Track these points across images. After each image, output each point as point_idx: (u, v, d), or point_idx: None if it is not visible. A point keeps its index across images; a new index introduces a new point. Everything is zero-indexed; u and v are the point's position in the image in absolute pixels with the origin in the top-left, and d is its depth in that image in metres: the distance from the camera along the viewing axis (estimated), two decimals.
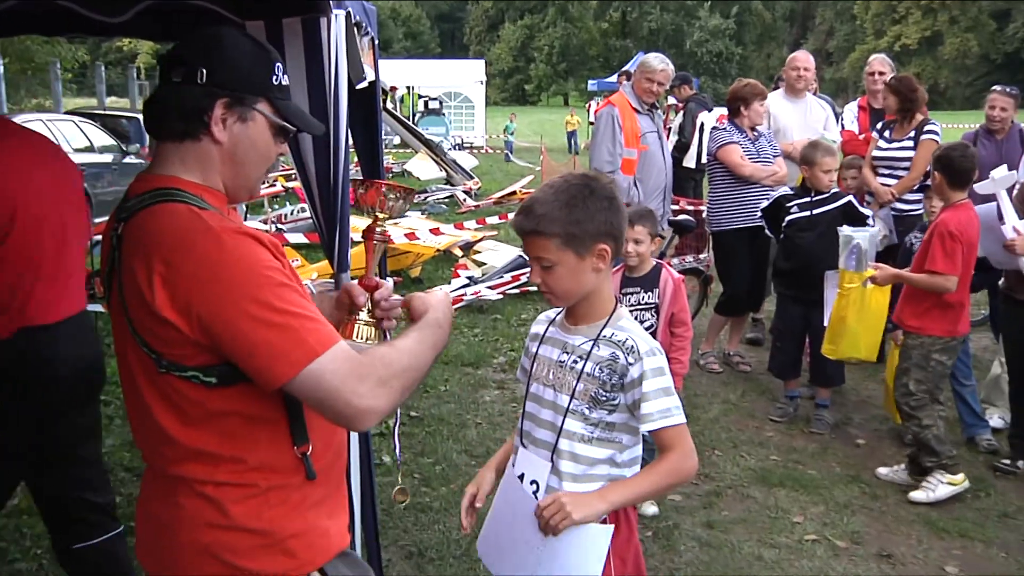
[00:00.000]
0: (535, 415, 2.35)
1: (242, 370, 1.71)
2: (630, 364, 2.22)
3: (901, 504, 4.87)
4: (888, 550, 4.38)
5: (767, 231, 6.25)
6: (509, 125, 29.19)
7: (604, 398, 2.24)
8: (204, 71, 1.79)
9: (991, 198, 5.04)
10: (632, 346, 2.23)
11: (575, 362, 2.28)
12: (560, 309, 2.42)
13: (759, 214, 6.29)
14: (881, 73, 7.28)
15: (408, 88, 29.08)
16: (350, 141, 3.36)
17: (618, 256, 2.32)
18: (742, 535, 4.47)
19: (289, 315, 1.69)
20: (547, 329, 2.44)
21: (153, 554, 1.89)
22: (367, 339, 2.03)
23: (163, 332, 1.70)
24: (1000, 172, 5.04)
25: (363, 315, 2.06)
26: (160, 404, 1.77)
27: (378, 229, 2.15)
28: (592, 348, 2.26)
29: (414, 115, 28.42)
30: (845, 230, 5.27)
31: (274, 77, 1.87)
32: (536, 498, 2.26)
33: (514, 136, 29.11)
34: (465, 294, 8.73)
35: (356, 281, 2.13)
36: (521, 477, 2.35)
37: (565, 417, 2.26)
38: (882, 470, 5.18)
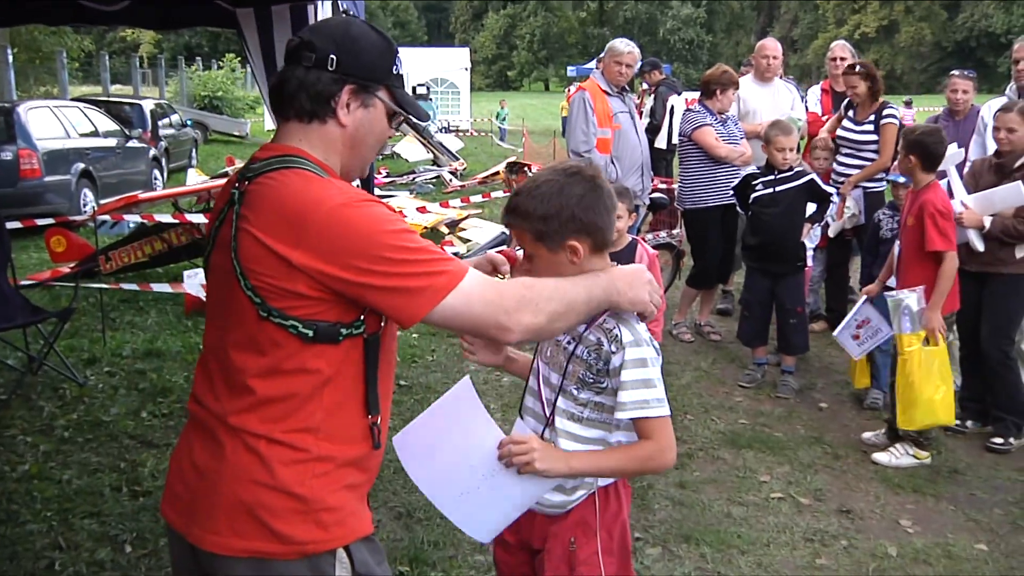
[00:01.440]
0: (534, 389, 2.29)
1: (381, 310, 1.76)
2: (612, 352, 2.12)
3: (861, 463, 4.88)
4: (848, 506, 4.39)
5: (738, 207, 6.23)
6: (500, 111, 28.77)
7: (591, 380, 2.16)
8: (335, 58, 1.81)
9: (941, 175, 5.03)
10: (617, 335, 2.12)
11: (569, 343, 2.21)
12: None
13: (730, 192, 6.27)
14: (843, 59, 7.27)
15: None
16: None
17: (605, 248, 2.18)
18: (712, 494, 4.47)
19: (421, 252, 1.73)
20: None
21: (184, 506, 1.84)
22: None
23: (280, 281, 1.70)
24: (950, 150, 5.04)
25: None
26: (248, 350, 1.76)
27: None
28: (584, 332, 2.17)
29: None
30: (893, 295, 4.77)
31: (395, 67, 1.90)
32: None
33: (506, 122, 28.77)
34: None
35: (497, 251, 2.22)
36: None
37: (558, 395, 2.20)
38: (867, 435, 5.14)
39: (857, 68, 6.61)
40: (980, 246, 4.96)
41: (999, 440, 5.08)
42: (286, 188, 1.73)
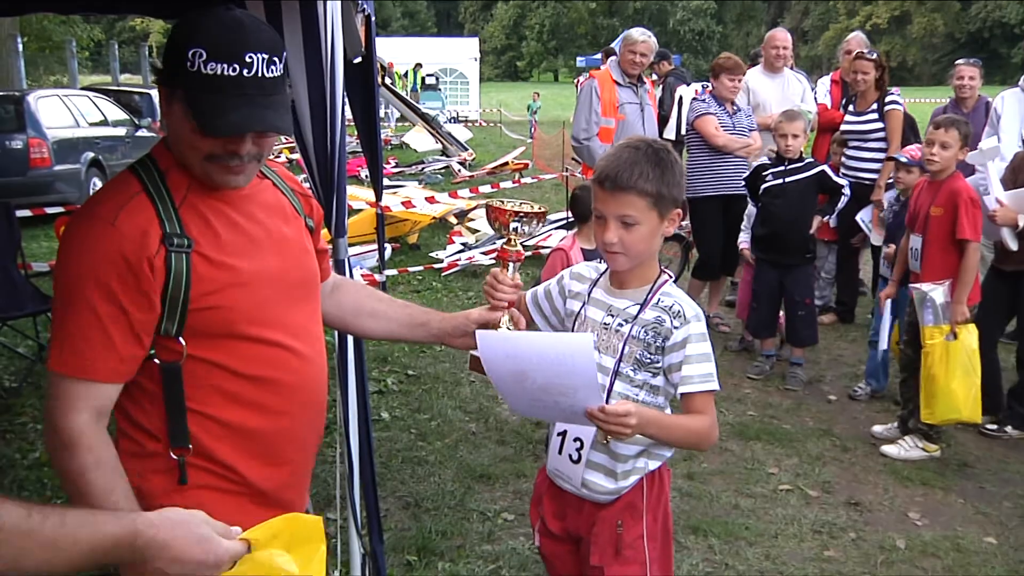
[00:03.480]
0: None
1: None
2: (675, 328, 2.15)
3: (869, 456, 4.87)
4: (856, 498, 4.38)
5: (749, 200, 6.20)
6: (532, 104, 27.06)
7: (648, 360, 2.17)
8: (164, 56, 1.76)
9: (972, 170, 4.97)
10: (679, 311, 2.16)
11: (620, 325, 2.20)
12: (602, 271, 2.32)
13: (733, 183, 6.26)
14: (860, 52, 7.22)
15: (417, 64, 28.64)
16: (348, 114, 3.30)
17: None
18: (720, 485, 4.47)
19: (69, 321, 1.69)
20: (591, 291, 2.31)
21: None
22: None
23: None
24: (988, 143, 4.96)
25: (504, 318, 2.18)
26: None
27: (511, 249, 2.15)
28: (639, 312, 2.18)
29: (415, 88, 28.04)
30: (918, 287, 4.64)
31: (188, 63, 1.65)
32: (582, 448, 2.23)
33: (537, 116, 26.48)
34: (460, 259, 8.71)
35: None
36: (563, 435, 2.27)
37: (614, 379, 2.19)
38: (877, 428, 5.10)
39: (869, 53, 6.58)
40: (1013, 245, 4.88)
41: (994, 427, 5.08)
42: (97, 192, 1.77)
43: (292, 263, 1.91)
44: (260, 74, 1.68)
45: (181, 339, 1.73)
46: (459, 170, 15.86)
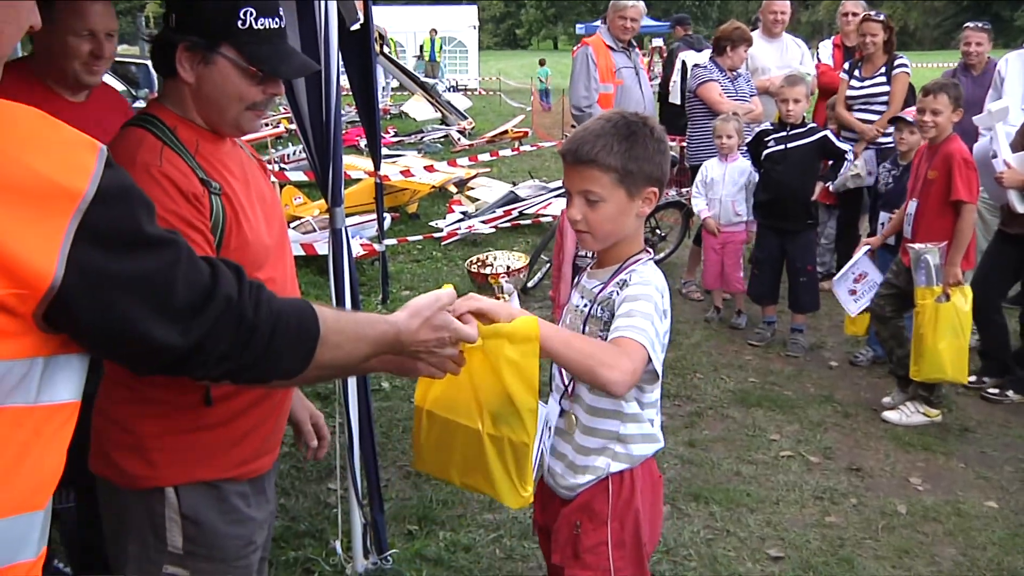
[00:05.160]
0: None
1: None
2: (617, 296, 2.03)
3: (871, 421, 4.86)
4: (858, 464, 4.38)
5: (751, 166, 6.15)
6: (541, 70, 25.78)
7: (605, 338, 2.00)
8: (174, 15, 1.86)
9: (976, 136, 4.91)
10: (626, 280, 2.04)
11: (585, 306, 2.12)
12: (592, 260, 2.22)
13: (744, 149, 6.20)
14: (855, 14, 7.15)
15: (432, 31, 28.02)
16: (344, 82, 3.26)
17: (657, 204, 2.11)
18: (722, 452, 4.47)
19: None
20: (580, 278, 2.25)
21: None
22: None
23: None
24: (997, 105, 4.91)
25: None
26: None
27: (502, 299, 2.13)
28: (600, 291, 2.08)
29: (434, 58, 27.45)
30: (915, 246, 4.63)
31: (239, 22, 1.84)
32: (545, 438, 2.18)
33: (547, 82, 25.55)
34: (459, 228, 8.66)
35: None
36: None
37: None
38: (886, 399, 5.05)
39: (876, 15, 6.50)
40: (1021, 207, 4.84)
41: (995, 391, 5.08)
42: (115, 147, 1.71)
43: (275, 215, 2.07)
44: (283, 26, 1.94)
45: None
46: (458, 139, 15.75)
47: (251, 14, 1.85)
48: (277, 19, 1.91)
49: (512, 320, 1.79)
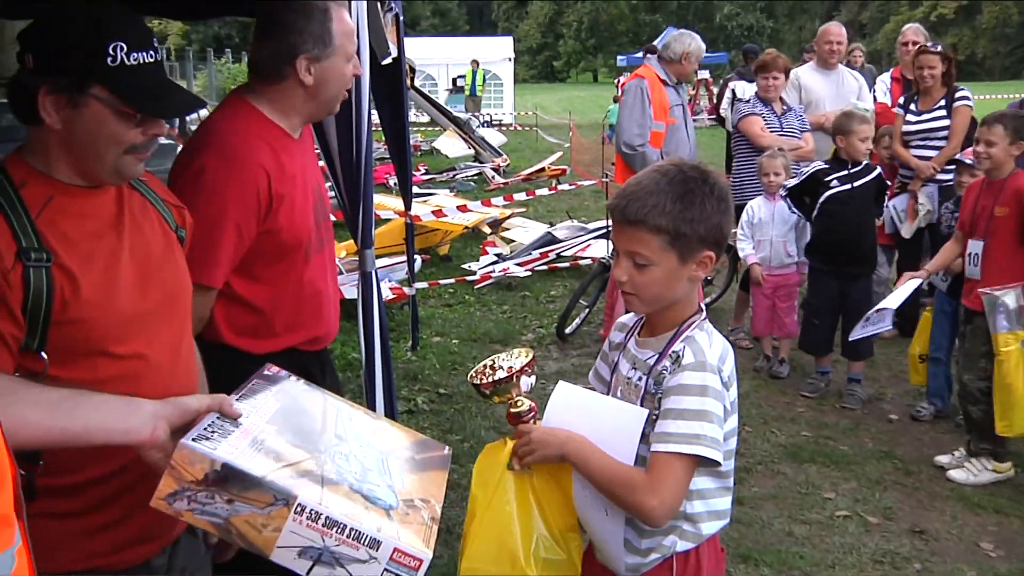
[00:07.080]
0: None
1: None
2: (669, 373, 1.96)
3: (935, 480, 4.81)
4: (921, 526, 4.33)
5: (791, 210, 6.14)
6: (613, 108, 24.52)
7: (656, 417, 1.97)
8: (30, 56, 1.76)
9: None
10: (679, 356, 1.96)
11: (640, 379, 2.04)
12: (639, 317, 2.19)
13: (783, 192, 6.20)
14: (915, 43, 7.16)
15: (475, 62, 28.04)
16: (375, 118, 3.34)
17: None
18: (773, 511, 4.45)
19: None
20: (627, 340, 2.19)
21: None
22: None
23: None
24: None
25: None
26: None
27: (521, 410, 2.10)
28: (655, 363, 2.01)
29: (475, 93, 27.70)
30: (987, 291, 4.54)
31: (109, 58, 1.74)
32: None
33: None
34: (493, 271, 8.72)
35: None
36: None
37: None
38: (942, 458, 4.98)
39: (933, 46, 6.51)
40: None
41: None
42: None
43: (158, 277, 1.95)
44: (159, 59, 1.83)
45: (43, 354, 1.76)
46: (493, 177, 15.89)
47: (121, 49, 1.75)
48: (151, 52, 1.81)
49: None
